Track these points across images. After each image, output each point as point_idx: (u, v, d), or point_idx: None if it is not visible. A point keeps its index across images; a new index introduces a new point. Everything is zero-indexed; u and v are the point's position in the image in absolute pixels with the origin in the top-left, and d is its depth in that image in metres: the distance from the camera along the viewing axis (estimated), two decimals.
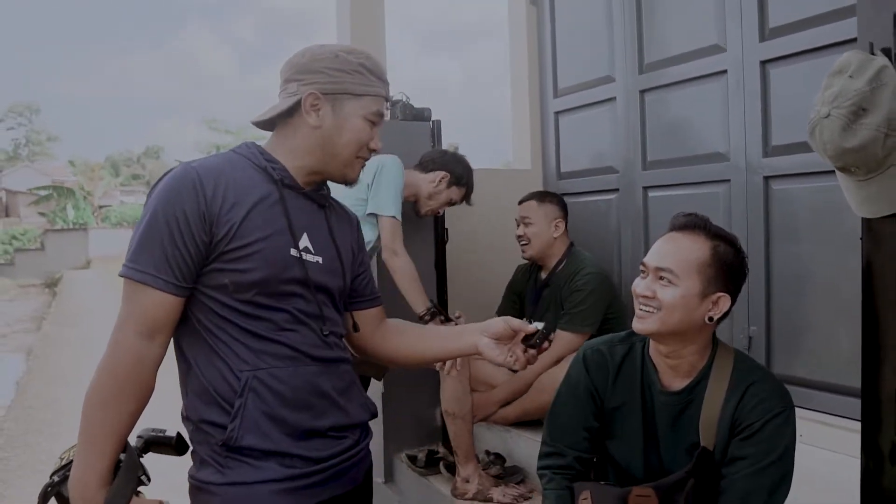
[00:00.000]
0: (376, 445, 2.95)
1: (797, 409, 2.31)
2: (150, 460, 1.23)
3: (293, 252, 1.23)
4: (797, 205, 2.38)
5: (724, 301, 1.43)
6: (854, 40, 1.47)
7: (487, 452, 2.62)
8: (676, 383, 1.48)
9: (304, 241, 1.26)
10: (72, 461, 1.17)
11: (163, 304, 1.15)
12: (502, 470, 2.49)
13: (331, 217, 1.35)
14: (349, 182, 1.33)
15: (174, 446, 1.25)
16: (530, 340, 1.28)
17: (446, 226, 2.98)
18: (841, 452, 2.11)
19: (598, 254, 3.16)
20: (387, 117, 1.36)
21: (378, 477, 2.94)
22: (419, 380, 2.80)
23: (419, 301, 2.46)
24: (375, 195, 2.45)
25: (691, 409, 1.45)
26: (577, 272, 2.69)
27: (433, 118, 3.02)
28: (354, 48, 1.30)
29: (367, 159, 1.33)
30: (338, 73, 1.25)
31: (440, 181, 2.63)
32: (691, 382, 1.46)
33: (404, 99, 2.95)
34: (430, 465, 2.66)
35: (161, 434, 1.25)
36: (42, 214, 28.40)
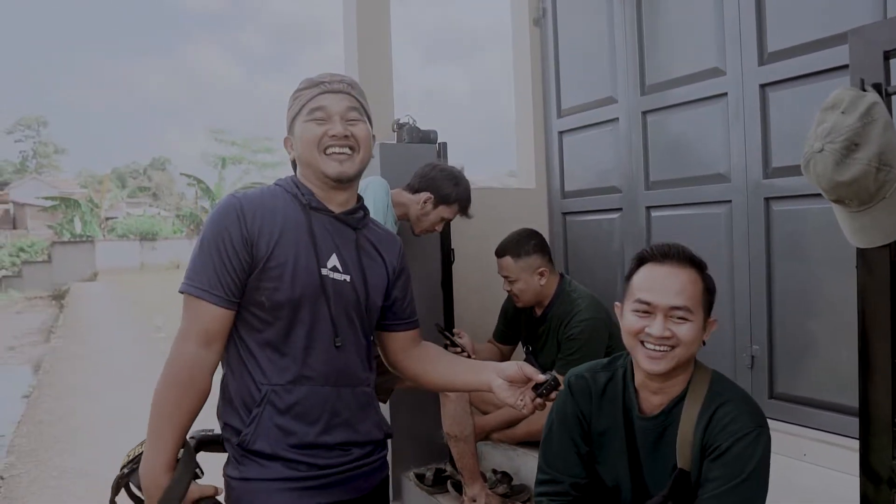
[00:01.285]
0: None
1: (800, 428, 2.38)
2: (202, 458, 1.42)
3: (323, 271, 1.37)
4: (798, 225, 2.42)
5: (712, 325, 1.50)
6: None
7: (494, 471, 2.66)
8: (655, 408, 1.51)
9: (333, 261, 1.40)
10: (137, 457, 1.36)
11: (216, 316, 1.33)
12: (509, 489, 2.52)
13: (363, 239, 1.47)
14: (336, 178, 1.40)
15: (221, 443, 1.41)
16: (539, 389, 1.38)
17: (452, 246, 3.02)
18: (842, 471, 2.14)
19: (601, 273, 3.21)
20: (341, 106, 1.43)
21: None
22: (426, 399, 2.84)
23: None
24: None
25: (669, 432, 1.48)
26: (571, 315, 2.58)
27: (440, 139, 3.06)
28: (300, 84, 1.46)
29: (340, 147, 1.40)
30: (288, 113, 1.45)
31: (426, 202, 2.59)
32: (668, 406, 1.49)
33: (410, 122, 3.00)
34: (438, 483, 2.70)
35: (210, 434, 1.43)
36: (49, 226, 28.56)
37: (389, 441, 2.70)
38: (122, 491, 1.38)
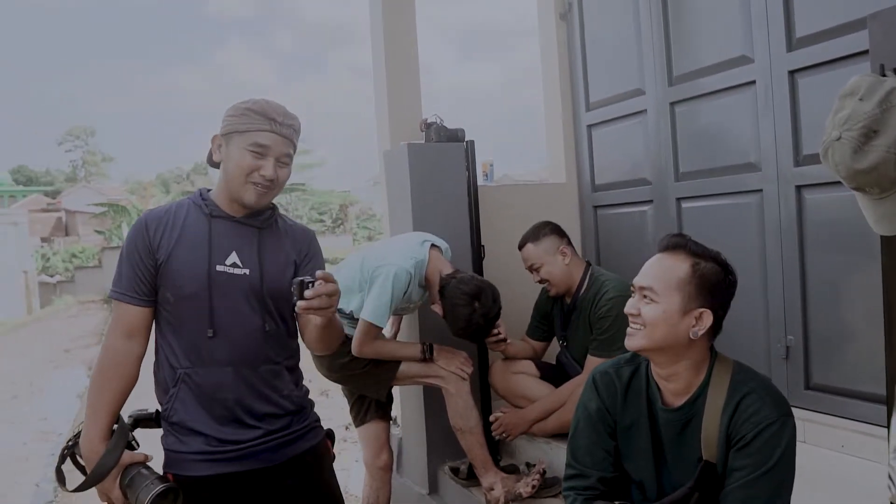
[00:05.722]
0: (420, 458, 3.04)
1: (837, 419, 2.35)
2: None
3: (219, 268, 1.60)
4: (831, 213, 2.38)
5: (707, 316, 1.46)
6: None
7: (528, 464, 2.68)
8: (677, 400, 1.52)
9: (233, 258, 1.62)
10: (80, 432, 1.61)
11: (134, 313, 1.61)
12: (542, 481, 2.53)
13: (266, 236, 1.68)
14: (248, 205, 1.61)
15: (155, 420, 1.67)
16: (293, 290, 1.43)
17: (483, 243, 3.05)
18: (882, 462, 2.10)
19: (634, 265, 3.15)
20: (271, 146, 1.60)
21: (422, 489, 3.03)
22: None
23: (411, 352, 2.64)
24: (368, 297, 2.50)
25: (693, 425, 1.49)
26: (600, 296, 2.62)
27: (476, 136, 3.06)
28: (252, 98, 1.62)
29: (265, 186, 1.59)
30: (230, 118, 1.61)
31: (439, 310, 2.55)
32: (690, 398, 1.50)
33: (438, 121, 3.03)
34: (472, 476, 2.72)
35: (144, 412, 1.67)
36: (99, 232, 29.40)
37: (426, 435, 2.76)
38: (69, 460, 1.63)
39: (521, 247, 2.79)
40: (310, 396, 1.80)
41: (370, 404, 2.78)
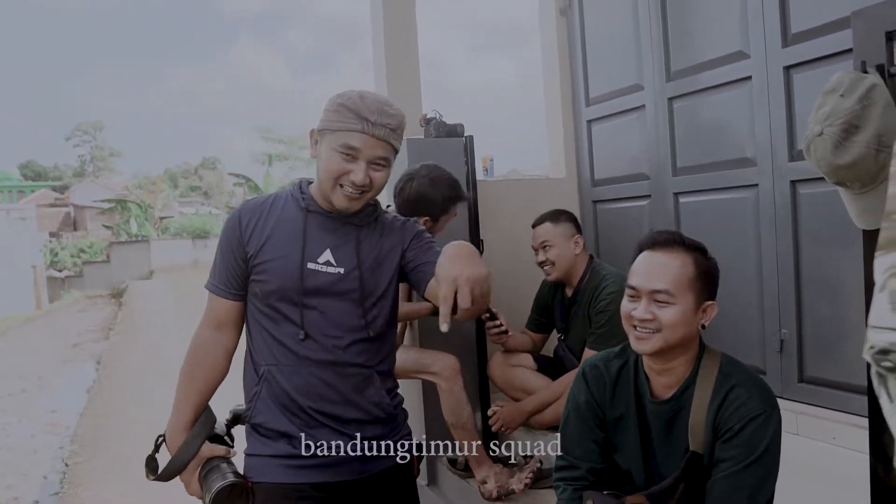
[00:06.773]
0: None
1: (830, 411, 2.37)
2: None
3: (311, 265, 1.51)
4: (824, 208, 2.39)
5: (712, 309, 1.49)
6: None
7: (525, 457, 2.71)
8: (666, 392, 1.54)
9: (326, 256, 1.53)
10: None
11: (223, 305, 1.57)
12: (540, 473, 2.57)
13: (364, 235, 1.56)
14: (341, 211, 1.52)
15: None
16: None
17: (482, 237, 3.08)
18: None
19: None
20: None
21: (422, 480, 3.06)
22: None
23: (421, 309, 2.65)
24: None
25: (681, 416, 1.50)
26: (600, 290, 2.65)
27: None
28: (348, 92, 1.49)
29: (356, 192, 1.47)
30: (326, 112, 1.49)
31: (425, 226, 2.49)
32: (678, 390, 1.52)
33: (437, 116, 3.06)
34: (469, 468, 2.76)
35: (242, 409, 1.62)
36: (107, 227, 29.58)
37: (425, 426, 2.77)
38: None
39: (536, 224, 2.81)
40: None
41: None
